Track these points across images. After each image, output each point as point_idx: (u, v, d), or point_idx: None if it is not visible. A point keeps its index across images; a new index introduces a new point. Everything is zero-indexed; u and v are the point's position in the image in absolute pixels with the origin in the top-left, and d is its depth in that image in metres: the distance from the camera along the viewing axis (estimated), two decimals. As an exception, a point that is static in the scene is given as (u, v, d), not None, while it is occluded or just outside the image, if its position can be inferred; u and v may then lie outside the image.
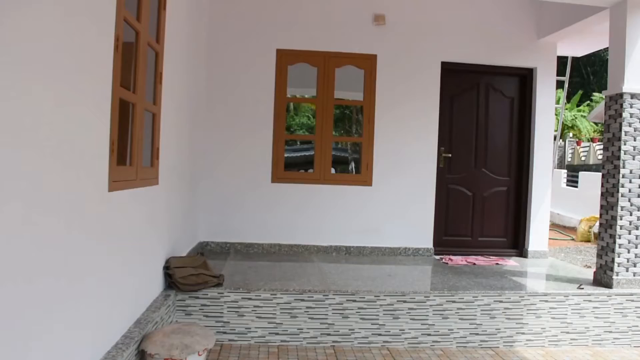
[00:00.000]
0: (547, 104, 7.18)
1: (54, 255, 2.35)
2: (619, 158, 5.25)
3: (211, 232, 6.74)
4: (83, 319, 2.70)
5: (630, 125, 5.24)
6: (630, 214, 5.24)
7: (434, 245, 6.98)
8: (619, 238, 5.24)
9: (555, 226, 12.41)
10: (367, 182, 6.86)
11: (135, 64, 3.60)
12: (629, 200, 5.23)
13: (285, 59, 6.78)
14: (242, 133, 6.74)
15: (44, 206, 2.23)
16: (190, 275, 4.66)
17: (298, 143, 7.56)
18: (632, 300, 5.07)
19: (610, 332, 5.04)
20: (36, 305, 2.18)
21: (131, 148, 3.60)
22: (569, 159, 24.81)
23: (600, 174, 5.67)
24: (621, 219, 5.24)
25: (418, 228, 6.93)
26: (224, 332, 4.68)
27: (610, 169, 5.38)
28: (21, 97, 2.01)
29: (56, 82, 2.33)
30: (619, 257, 5.23)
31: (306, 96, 7.45)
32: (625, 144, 5.23)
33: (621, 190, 5.23)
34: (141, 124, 3.75)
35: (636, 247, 5.25)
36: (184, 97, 5.37)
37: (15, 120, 1.96)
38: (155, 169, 4.24)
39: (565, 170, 17.00)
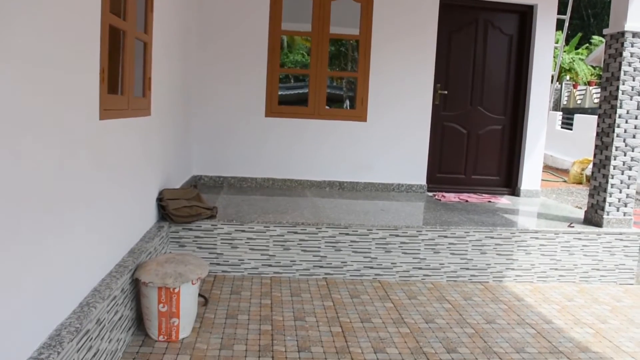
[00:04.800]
0: (547, 43, 7.04)
1: (45, 184, 2.31)
2: (616, 98, 5.19)
3: (205, 166, 6.71)
4: (77, 247, 2.70)
5: (630, 64, 5.16)
6: (624, 155, 5.23)
7: (427, 182, 7.00)
8: (612, 178, 5.26)
9: (548, 168, 12.47)
10: (362, 117, 6.79)
11: (125, -12, 3.46)
12: (624, 141, 5.21)
13: (280, -11, 6.57)
14: (236, 66, 6.60)
15: (33, 133, 2.18)
16: (184, 207, 4.65)
17: (292, 81, 7.44)
18: (621, 240, 5.14)
19: (598, 269, 5.13)
20: (30, 233, 2.17)
21: (122, 77, 3.52)
22: (565, 102, 24.68)
23: (595, 117, 5.63)
24: (615, 159, 5.24)
25: (412, 165, 6.92)
26: (218, 264, 4.73)
27: (607, 108, 5.34)
28: (6, 23, 1.91)
29: (42, 7, 2.23)
30: (610, 196, 5.27)
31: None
32: (623, 84, 5.17)
33: (617, 130, 5.21)
34: (132, 52, 3.64)
35: (628, 188, 5.28)
36: (177, 26, 5.22)
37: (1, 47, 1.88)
38: (147, 100, 4.16)
39: (561, 113, 16.94)
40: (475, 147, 7.16)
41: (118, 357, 3.12)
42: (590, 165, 6.32)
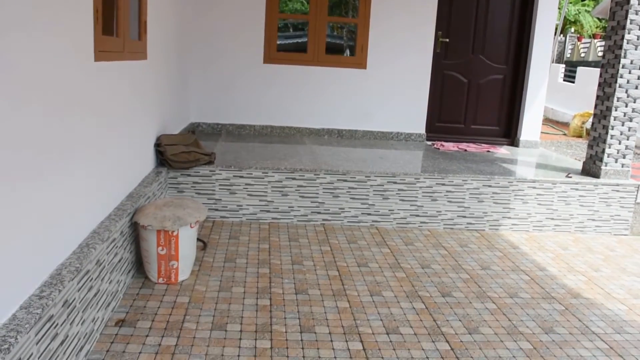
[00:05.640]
0: (552, -8, 6.89)
1: (42, 127, 2.29)
2: (620, 47, 5.11)
3: (202, 113, 6.66)
4: (75, 189, 2.70)
5: (637, 13, 5.05)
6: (626, 106, 5.19)
7: (426, 131, 6.97)
8: (612, 129, 5.24)
9: (548, 121, 12.40)
10: (362, 64, 6.69)
11: None
12: (626, 92, 5.16)
13: None
14: (234, 12, 6.46)
15: (27, 74, 2.14)
16: (182, 152, 4.64)
17: (291, 30, 7.28)
18: (618, 191, 5.16)
19: (593, 220, 5.18)
20: (29, 175, 2.16)
21: (117, 18, 3.45)
22: (568, 55, 24.36)
23: (598, 69, 5.55)
24: (616, 110, 5.20)
25: (411, 113, 6.88)
26: (216, 210, 4.76)
27: (610, 58, 5.26)
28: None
29: None
30: (609, 147, 5.26)
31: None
32: (629, 33, 5.07)
33: (619, 80, 5.15)
34: (127, -8, 3.57)
35: (627, 139, 5.26)
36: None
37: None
38: (143, 43, 4.09)
39: (563, 65, 16.72)
40: (475, 97, 7.10)
41: (119, 298, 3.18)
42: (591, 119, 6.28)
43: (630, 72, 5.12)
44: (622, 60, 5.10)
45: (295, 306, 3.27)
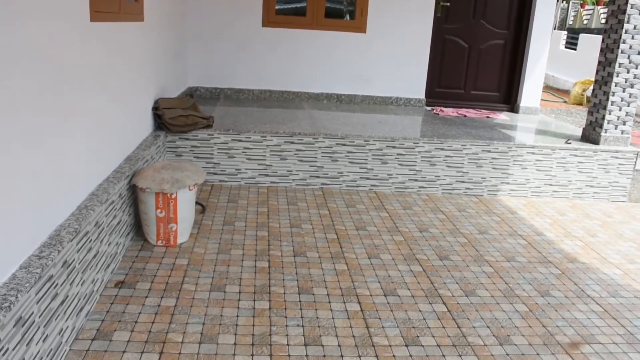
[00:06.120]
0: (557, -48, 6.75)
1: (39, 87, 2.26)
2: (624, 12, 5.03)
3: (200, 77, 6.59)
4: (73, 151, 2.68)
5: (641, -23, 4.98)
6: (628, 72, 5.14)
7: (425, 97, 6.92)
8: (613, 95, 5.20)
9: (548, 88, 12.31)
10: (361, 28, 6.60)
11: None
12: (628, 57, 5.11)
13: None
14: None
15: (23, 33, 2.11)
16: (180, 116, 4.61)
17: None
18: (617, 157, 5.15)
19: (592, 186, 5.18)
20: (27, 136, 2.14)
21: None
22: (571, 22, 24.04)
23: (601, 36, 5.47)
24: (617, 76, 5.15)
25: (411, 78, 6.81)
26: (215, 173, 4.75)
27: (613, 23, 5.19)
28: None
29: None
30: (610, 114, 5.23)
31: None
32: (633, -3, 5.00)
33: (622, 46, 5.09)
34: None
35: (628, 106, 5.23)
36: None
37: None
38: (139, 4, 4.03)
39: (566, 32, 16.52)
40: (476, 62, 7.02)
41: (118, 260, 3.19)
42: (592, 87, 6.22)
43: (633, 38, 5.06)
44: (625, 26, 5.03)
45: (294, 268, 3.29)
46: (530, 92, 7.02)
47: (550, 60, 9.14)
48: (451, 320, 2.85)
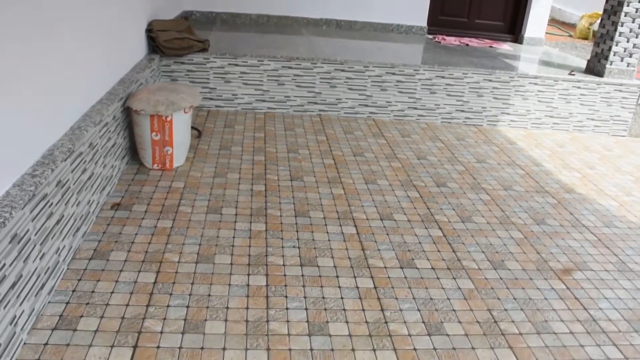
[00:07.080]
0: None
1: (28, 7, 2.17)
2: (639, -64, 4.83)
3: (196, 1, 6.38)
4: (65, 70, 2.60)
5: None
6: (639, 0, 4.97)
7: (427, 25, 6.74)
8: (621, 26, 5.05)
9: (554, 22, 12.00)
10: (364, -49, 6.36)
11: None
12: (640, -15, 4.94)
13: None
14: None
15: None
16: (175, 39, 4.48)
17: None
18: (620, 91, 5.06)
19: (593, 119, 5.12)
20: (16, 53, 2.06)
21: None
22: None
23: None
24: (628, 5, 4.98)
25: (413, 5, 6.60)
26: (211, 99, 4.67)
27: (625, -51, 4.99)
28: None
29: None
30: (616, 45, 5.10)
31: None
32: None
33: (633, -27, 4.91)
34: None
35: (636, 37, 5.08)
36: None
37: None
38: None
39: (573, -39, 15.95)
40: (480, -11, 6.80)
41: (114, 183, 3.17)
42: (599, 21, 6.03)
43: (645, -36, 4.88)
44: (639, -49, 4.84)
45: (290, 192, 3.28)
46: (536, 22, 6.84)
47: (557, -10, 8.85)
48: (446, 244, 2.87)
